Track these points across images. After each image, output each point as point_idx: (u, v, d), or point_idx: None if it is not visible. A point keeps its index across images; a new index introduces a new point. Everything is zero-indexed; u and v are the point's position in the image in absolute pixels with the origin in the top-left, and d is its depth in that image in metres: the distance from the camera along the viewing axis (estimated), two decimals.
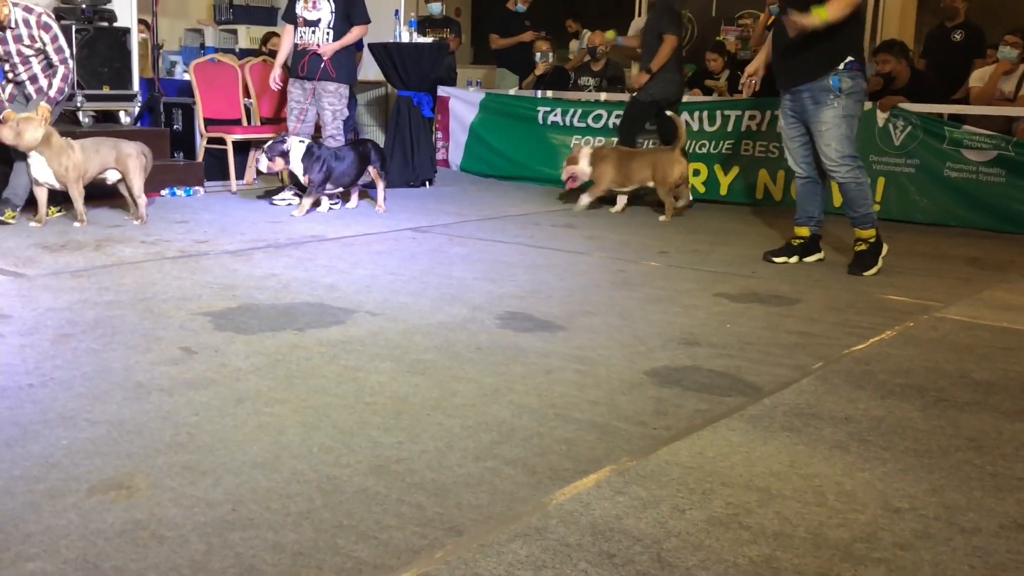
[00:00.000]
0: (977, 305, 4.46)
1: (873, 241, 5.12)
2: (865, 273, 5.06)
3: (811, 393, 3.11)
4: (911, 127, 6.98)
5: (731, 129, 7.84)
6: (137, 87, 7.94)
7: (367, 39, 8.64)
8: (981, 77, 7.52)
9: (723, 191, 7.90)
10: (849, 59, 4.92)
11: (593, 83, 9.52)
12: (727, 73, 9.12)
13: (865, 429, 2.80)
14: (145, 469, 2.37)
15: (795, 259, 5.32)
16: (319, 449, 2.53)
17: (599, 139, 8.47)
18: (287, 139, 6.52)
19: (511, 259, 5.23)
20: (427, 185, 8.54)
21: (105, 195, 6.39)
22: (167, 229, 5.82)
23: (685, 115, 8.05)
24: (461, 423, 2.75)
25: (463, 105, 9.50)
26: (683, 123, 7.25)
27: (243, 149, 8.18)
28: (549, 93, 9.23)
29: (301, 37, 6.94)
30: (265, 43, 9.51)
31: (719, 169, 7.89)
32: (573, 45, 11.42)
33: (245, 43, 10.47)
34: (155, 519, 2.10)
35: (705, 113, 7.98)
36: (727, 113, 7.87)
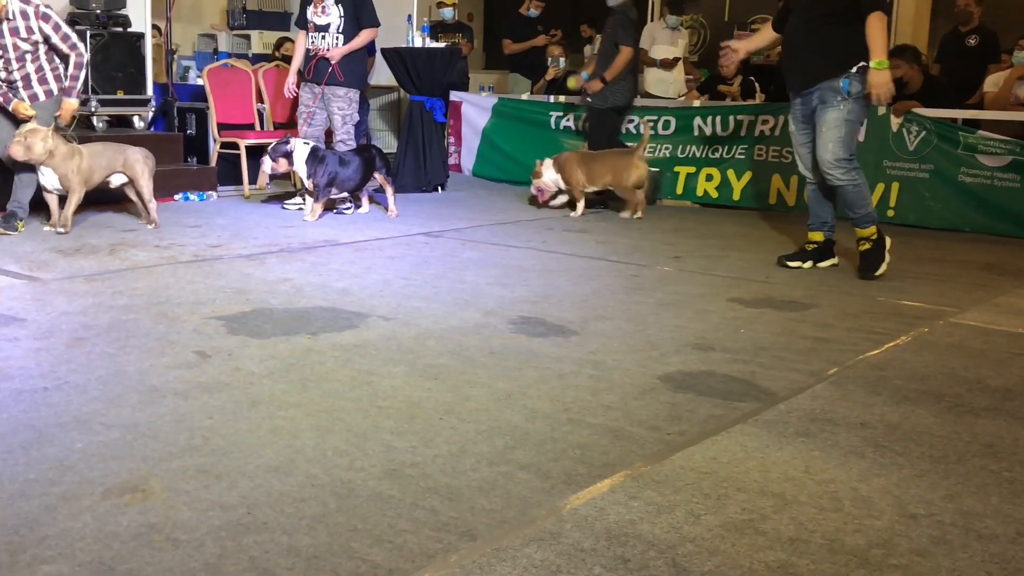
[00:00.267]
0: (992, 311, 4.43)
1: (875, 238, 5.10)
2: (876, 274, 5.04)
3: (826, 398, 3.10)
4: (925, 132, 6.96)
5: (744, 134, 7.82)
6: (151, 92, 7.98)
7: (380, 44, 8.66)
8: (995, 82, 7.49)
9: (736, 196, 7.88)
10: (863, 64, 4.91)
11: None
12: (740, 79, 9.11)
13: (881, 435, 2.79)
14: (160, 472, 2.37)
15: (809, 264, 5.30)
16: (333, 453, 2.53)
17: None
18: (291, 140, 6.55)
19: (524, 264, 5.22)
20: (439, 190, 8.55)
21: (111, 200, 6.40)
22: (180, 233, 5.84)
23: (698, 119, 8.06)
24: (475, 427, 2.74)
25: (475, 110, 9.52)
26: (648, 129, 7.58)
27: (256, 154, 8.19)
28: (562, 98, 9.23)
29: (312, 42, 6.97)
30: (278, 48, 9.54)
31: (732, 174, 7.88)
32: (587, 50, 11.41)
33: (258, 48, 10.50)
34: (170, 522, 2.11)
35: (718, 118, 7.97)
36: (740, 118, 7.86)
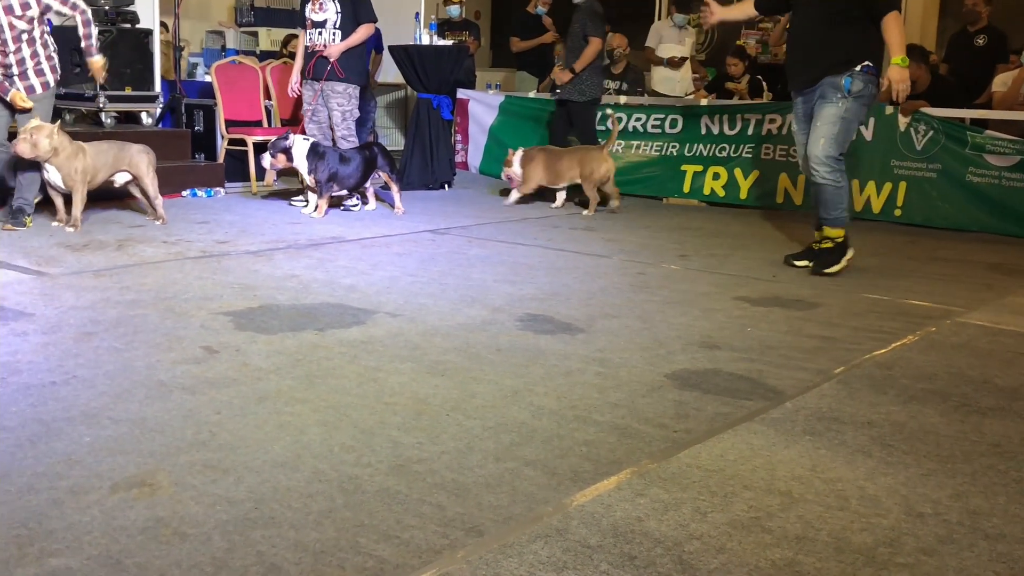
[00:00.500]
0: (1000, 311, 4.43)
1: (840, 241, 5.09)
2: (827, 271, 5.01)
3: (833, 397, 3.10)
4: (933, 132, 6.94)
5: (751, 133, 7.81)
6: (159, 88, 7.99)
7: (387, 41, 8.67)
8: (1004, 82, 7.47)
9: (743, 195, 7.87)
10: (866, 63, 4.90)
11: (613, 86, 9.51)
12: (747, 77, 9.09)
13: (887, 434, 2.78)
14: (167, 467, 2.38)
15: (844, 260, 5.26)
16: (340, 449, 2.53)
17: (619, 142, 8.46)
18: (290, 137, 6.57)
19: (531, 261, 5.23)
20: (446, 187, 8.56)
21: (116, 196, 6.41)
22: (188, 230, 5.85)
23: (705, 118, 8.05)
24: (481, 424, 2.75)
25: (482, 108, 9.51)
26: (617, 125, 7.65)
27: (264, 150, 8.20)
28: None
29: (310, 39, 7.01)
30: (286, 45, 9.56)
31: (739, 173, 7.87)
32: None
33: (266, 45, 10.53)
34: (177, 517, 2.11)
35: (725, 117, 7.96)
36: (747, 117, 7.85)
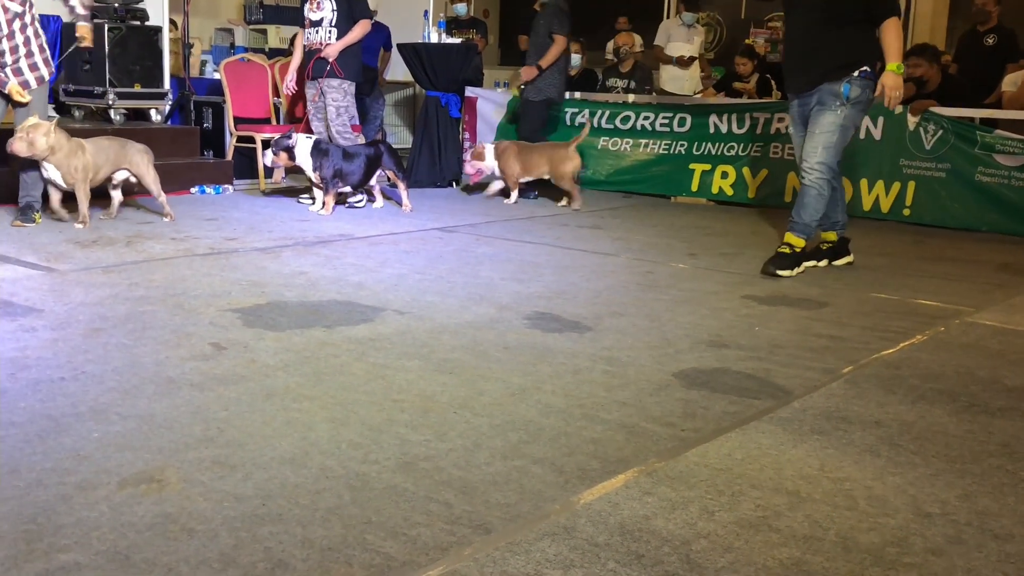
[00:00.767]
0: (1009, 310, 4.41)
1: (799, 251, 5.07)
2: (778, 272, 4.96)
3: (841, 397, 3.09)
4: (942, 131, 6.92)
5: (760, 132, 7.79)
6: (168, 85, 8.01)
7: (396, 39, 8.67)
8: (1014, 81, 7.43)
9: (751, 194, 7.86)
10: (864, 68, 4.88)
11: (621, 85, 9.51)
12: (756, 76, 9.08)
13: (896, 433, 2.78)
14: (175, 463, 2.38)
15: (824, 262, 5.28)
16: (347, 446, 2.53)
17: (627, 140, 8.46)
18: (293, 135, 6.58)
19: (538, 259, 5.22)
20: (454, 185, 8.56)
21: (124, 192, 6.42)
22: (197, 226, 5.86)
23: (714, 117, 8.04)
24: (488, 422, 2.75)
25: (490, 106, 9.50)
26: (589, 122, 7.82)
27: None
28: (577, 95, 9.22)
29: (308, 38, 7.05)
30: (294, 43, 9.56)
31: (748, 172, 7.86)
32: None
33: (275, 43, 10.52)
34: (185, 513, 2.12)
35: (734, 116, 7.94)
36: (756, 116, 7.83)
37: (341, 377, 3.10)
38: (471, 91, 9.51)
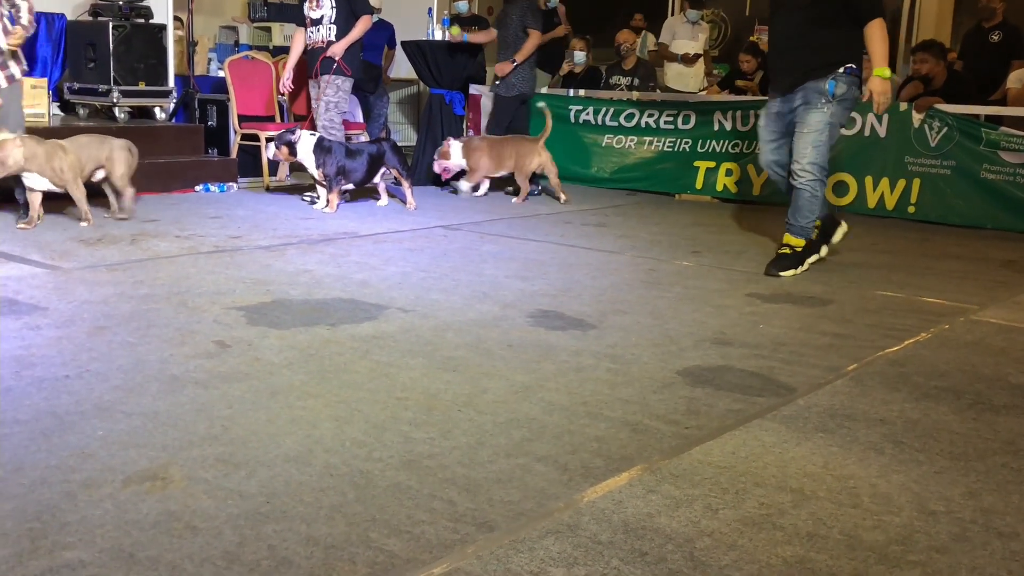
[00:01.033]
0: (1014, 308, 4.40)
1: (800, 251, 5.05)
2: (781, 273, 4.95)
3: (845, 394, 3.09)
4: (947, 128, 6.91)
5: None
6: (172, 83, 8.01)
7: (400, 37, 8.67)
8: (1019, 78, 7.42)
9: (755, 191, 7.85)
10: (850, 65, 4.86)
11: (624, 82, 9.49)
12: (760, 74, 9.06)
13: (900, 431, 2.77)
14: (179, 461, 2.39)
15: (824, 250, 5.23)
16: (351, 443, 2.53)
17: (631, 138, 8.46)
18: (297, 131, 6.59)
19: (542, 257, 5.22)
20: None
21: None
22: (201, 224, 5.87)
23: (718, 114, 8.03)
24: (492, 420, 2.75)
25: None
26: (550, 117, 7.66)
27: None
28: (581, 92, 9.21)
29: (309, 37, 7.06)
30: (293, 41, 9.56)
31: (752, 169, 7.84)
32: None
33: (279, 41, 10.52)
34: (189, 510, 2.12)
35: (738, 113, 7.93)
36: (760, 114, 7.80)
37: (345, 375, 3.10)
38: (475, 88, 9.50)
